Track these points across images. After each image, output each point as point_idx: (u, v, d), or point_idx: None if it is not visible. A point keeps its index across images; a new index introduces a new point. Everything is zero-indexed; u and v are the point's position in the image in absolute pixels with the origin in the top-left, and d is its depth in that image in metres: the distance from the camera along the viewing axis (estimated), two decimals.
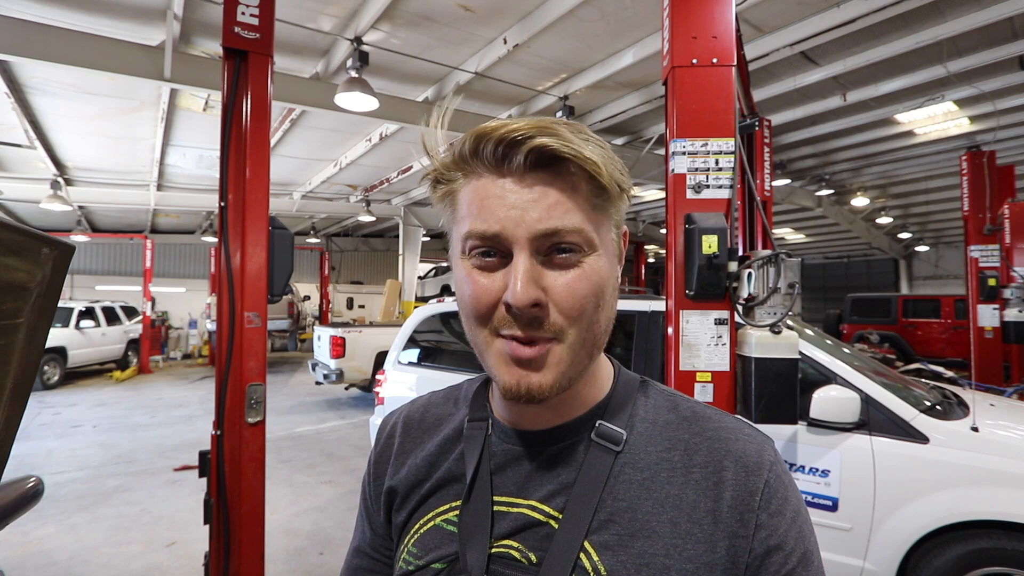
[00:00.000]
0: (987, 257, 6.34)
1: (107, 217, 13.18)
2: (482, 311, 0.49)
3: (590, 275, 0.48)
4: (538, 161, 0.46)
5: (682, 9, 2.14)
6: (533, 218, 0.46)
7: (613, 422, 0.54)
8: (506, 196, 0.47)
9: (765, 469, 0.50)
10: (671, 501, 0.49)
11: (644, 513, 0.49)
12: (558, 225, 0.46)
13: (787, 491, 0.50)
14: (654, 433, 0.53)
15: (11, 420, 0.71)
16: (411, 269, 11.97)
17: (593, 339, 0.50)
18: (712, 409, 0.56)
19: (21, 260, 0.65)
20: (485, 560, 0.51)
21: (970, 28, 4.48)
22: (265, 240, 2.31)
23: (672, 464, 0.51)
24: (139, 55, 4.62)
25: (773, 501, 0.49)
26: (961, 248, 10.88)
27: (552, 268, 0.47)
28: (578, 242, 0.47)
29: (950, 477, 2.17)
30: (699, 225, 2.03)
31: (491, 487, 0.54)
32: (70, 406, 8.19)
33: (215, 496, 2.23)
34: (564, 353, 0.48)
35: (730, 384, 2.09)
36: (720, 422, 0.54)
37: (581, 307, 0.47)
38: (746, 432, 0.53)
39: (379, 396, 4.23)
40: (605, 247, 0.50)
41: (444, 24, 4.73)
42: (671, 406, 0.56)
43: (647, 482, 0.50)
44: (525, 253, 0.46)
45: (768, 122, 4.65)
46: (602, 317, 0.50)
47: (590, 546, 0.48)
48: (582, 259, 0.48)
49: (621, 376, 0.58)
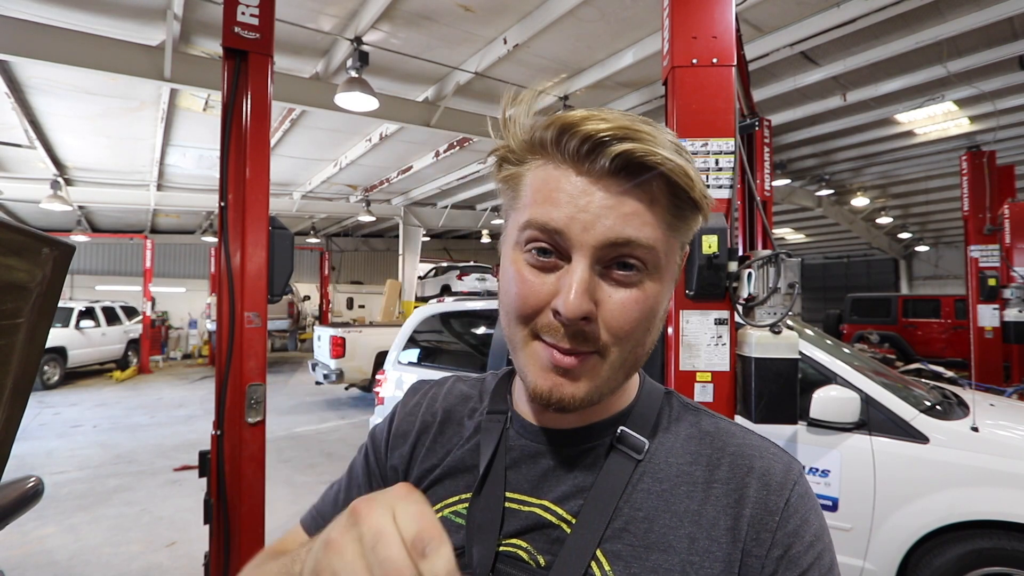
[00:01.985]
0: (987, 257, 6.34)
1: (107, 217, 13.18)
2: (527, 312, 0.46)
3: (647, 298, 0.45)
4: (622, 166, 0.43)
5: (682, 9, 2.14)
6: (606, 225, 0.43)
7: (636, 430, 0.52)
8: (579, 196, 0.43)
9: (788, 488, 0.48)
10: (690, 516, 0.47)
11: (661, 526, 0.47)
12: (632, 236, 0.43)
13: (808, 513, 0.48)
14: (676, 445, 0.52)
15: (11, 420, 0.71)
16: (411, 269, 11.97)
17: (635, 360, 0.48)
18: (737, 426, 0.54)
19: (21, 260, 0.65)
20: (492, 557, 0.49)
21: (970, 28, 4.48)
22: (265, 240, 2.31)
23: (693, 478, 0.49)
24: (139, 55, 4.63)
25: (791, 521, 0.47)
26: (961, 248, 10.88)
27: (608, 282, 0.45)
28: (645, 259, 0.44)
29: (950, 477, 2.17)
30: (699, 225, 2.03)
31: (504, 482, 0.53)
32: (70, 406, 8.19)
33: (215, 496, 2.23)
34: (603, 369, 0.46)
35: (730, 384, 2.09)
36: (744, 439, 0.52)
37: (631, 329, 0.45)
38: (772, 451, 0.51)
39: (379, 396, 4.23)
40: (669, 269, 0.48)
41: (444, 24, 4.73)
42: (695, 419, 0.54)
43: (666, 494, 0.48)
44: (586, 262, 0.43)
45: (768, 122, 4.65)
46: (648, 340, 0.48)
47: (602, 555, 0.46)
48: (643, 280, 0.45)
49: (646, 385, 0.57)
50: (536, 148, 0.46)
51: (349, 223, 15.02)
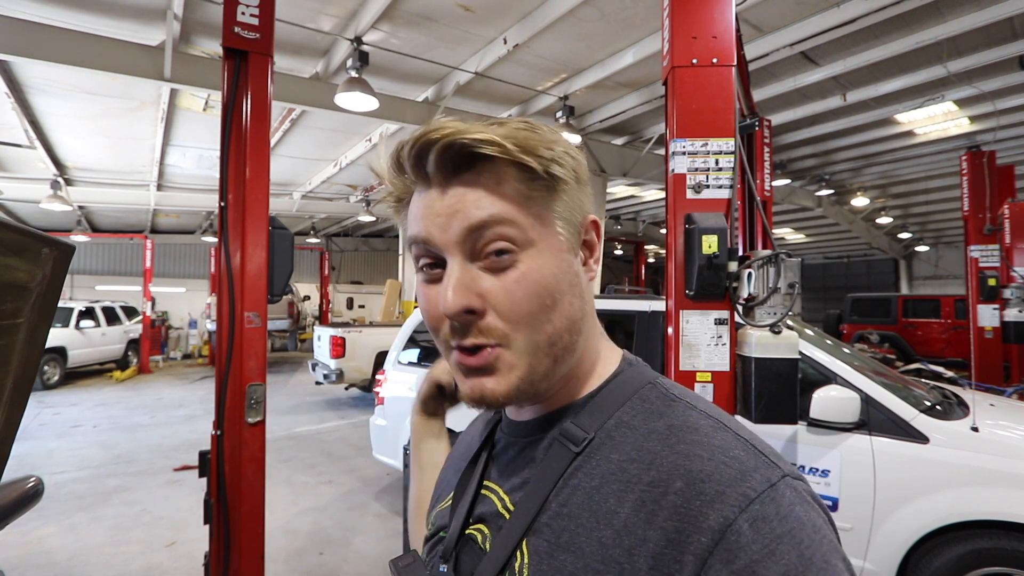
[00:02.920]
0: (987, 257, 6.33)
1: (107, 217, 13.18)
2: (434, 326, 0.48)
3: (529, 274, 0.45)
4: (456, 165, 0.45)
5: (682, 9, 2.14)
6: (459, 217, 0.44)
7: (585, 422, 0.49)
8: (433, 203, 0.46)
9: (732, 504, 0.37)
10: (608, 518, 0.42)
11: (578, 525, 0.43)
12: (484, 216, 0.44)
13: (776, 546, 0.36)
14: (628, 440, 0.46)
15: (11, 420, 0.71)
16: (411, 269, 11.93)
17: (550, 340, 0.46)
18: (714, 421, 0.45)
19: (21, 260, 0.65)
20: (458, 536, 0.53)
21: (970, 28, 4.48)
22: (265, 240, 2.31)
23: (627, 476, 0.43)
24: (139, 55, 4.63)
25: (741, 555, 0.35)
26: (961, 248, 10.88)
27: (488, 273, 0.45)
28: (510, 236, 0.44)
29: (950, 477, 2.17)
30: (699, 225, 2.03)
31: (484, 469, 0.57)
32: (70, 406, 8.19)
33: (215, 496, 2.23)
34: (515, 358, 0.45)
35: (730, 384, 2.09)
36: (707, 436, 0.43)
37: (523, 311, 0.45)
38: (732, 454, 0.41)
39: (379, 396, 4.23)
40: (547, 241, 0.46)
41: (444, 24, 4.73)
42: (666, 412, 0.47)
43: (594, 492, 0.44)
44: (457, 259, 0.45)
45: (768, 122, 4.65)
46: (556, 317, 0.46)
47: (526, 547, 0.46)
48: (517, 258, 0.45)
49: (623, 375, 0.52)
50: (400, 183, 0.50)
51: (349, 223, 15.02)
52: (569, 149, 0.48)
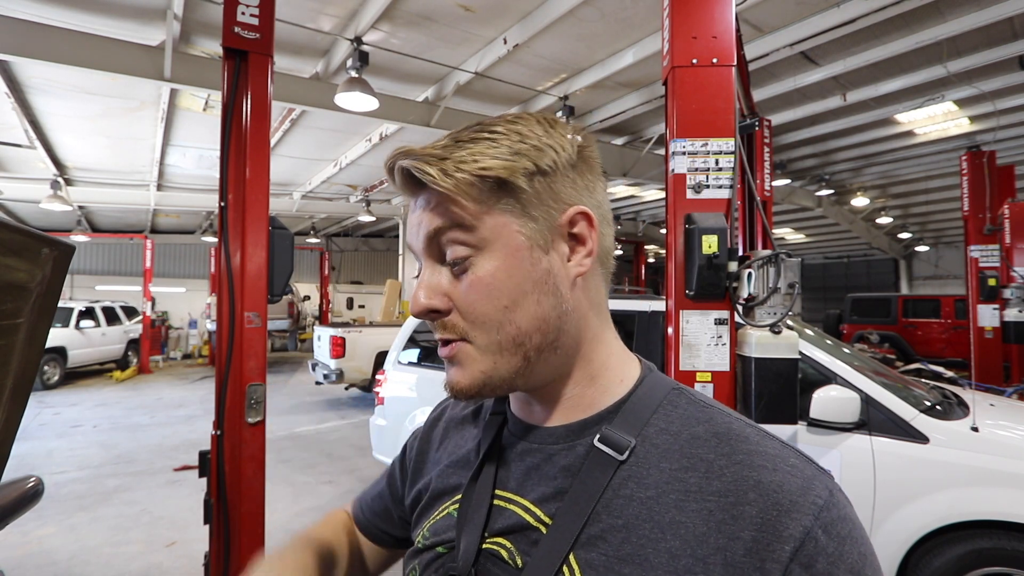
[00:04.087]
0: (987, 257, 6.34)
1: (107, 217, 13.18)
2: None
3: (483, 277, 0.47)
4: (417, 181, 0.48)
5: (682, 9, 2.14)
6: (423, 226, 0.49)
7: (623, 429, 0.48)
8: (411, 216, 0.51)
9: (807, 512, 0.40)
10: (674, 529, 0.42)
11: (640, 537, 0.43)
12: (439, 223, 0.48)
13: (843, 547, 0.39)
14: (673, 448, 0.46)
15: (11, 420, 0.71)
16: (411, 269, 11.97)
17: (512, 339, 0.47)
18: (755, 428, 0.47)
19: (21, 260, 0.65)
20: (475, 552, 0.50)
21: (970, 28, 4.48)
22: (265, 240, 2.31)
23: (686, 486, 0.44)
24: (139, 55, 4.63)
25: (819, 559, 0.39)
26: (961, 248, 10.88)
27: (454, 277, 0.49)
28: (462, 241, 0.48)
29: (950, 477, 2.17)
30: (699, 225, 2.03)
31: (495, 479, 0.53)
32: (70, 406, 8.19)
33: (215, 496, 2.23)
34: (476, 353, 0.49)
35: (730, 384, 2.09)
36: (760, 445, 0.45)
37: (478, 312, 0.48)
38: (791, 462, 0.43)
39: (379, 396, 4.23)
40: (503, 242, 0.47)
41: (444, 24, 4.73)
42: (704, 418, 0.48)
43: (650, 501, 0.44)
44: (428, 263, 0.50)
45: (768, 122, 4.65)
46: (519, 316, 0.47)
47: (575, 561, 0.44)
48: (472, 262, 0.48)
49: (647, 380, 0.52)
50: None
51: (349, 223, 15.02)
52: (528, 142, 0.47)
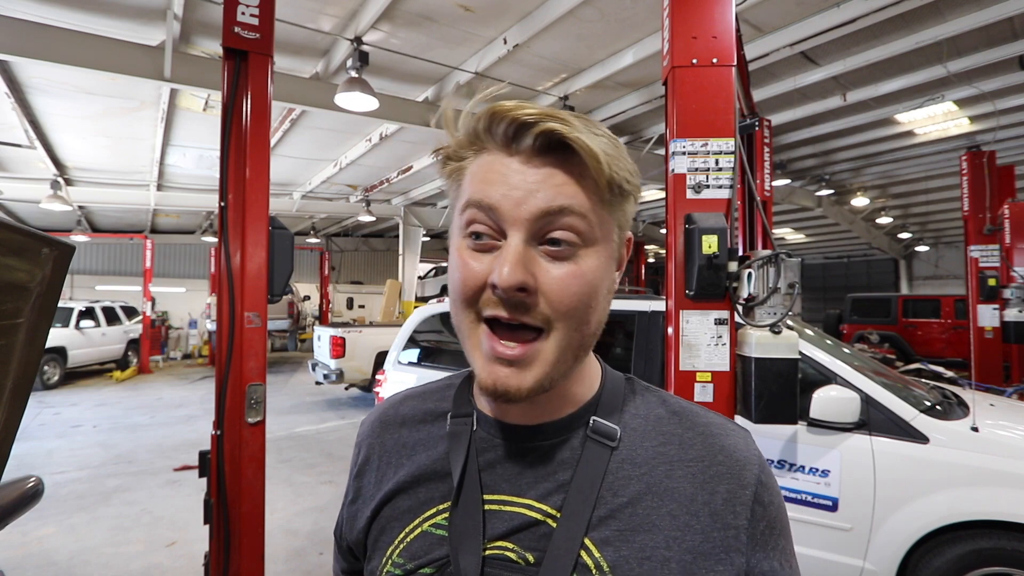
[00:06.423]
0: (987, 257, 6.34)
1: (107, 217, 13.18)
2: (468, 294, 0.47)
3: (585, 272, 0.46)
4: (546, 146, 0.45)
5: (682, 9, 2.14)
6: (538, 197, 0.45)
7: (607, 419, 0.53)
8: (511, 175, 0.46)
9: (754, 463, 0.52)
10: (670, 494, 0.49)
11: (644, 507, 0.49)
12: (564, 203, 0.45)
13: (772, 481, 0.53)
14: (647, 428, 0.53)
15: (11, 420, 0.71)
16: (411, 269, 11.97)
17: (581, 340, 0.48)
18: (696, 405, 0.58)
19: (21, 260, 0.65)
20: (479, 563, 0.49)
21: (970, 28, 4.48)
22: (265, 240, 2.31)
23: (669, 458, 0.51)
24: (139, 55, 4.63)
25: (765, 494, 0.51)
26: (961, 248, 10.87)
27: (545, 258, 0.46)
28: (579, 229, 0.46)
29: (950, 477, 2.17)
30: (699, 225, 2.03)
31: (480, 486, 0.52)
32: (70, 406, 8.19)
33: (215, 496, 2.23)
34: (550, 352, 0.47)
35: (730, 384, 2.09)
36: (706, 417, 0.55)
37: (572, 303, 0.46)
38: (730, 427, 0.55)
39: (379, 396, 4.23)
40: (605, 245, 0.49)
41: (444, 24, 4.73)
42: (660, 401, 0.57)
43: (645, 477, 0.50)
44: (520, 235, 0.45)
45: (768, 122, 4.65)
46: (593, 319, 0.48)
47: (591, 543, 0.47)
48: (577, 253, 0.46)
49: (608, 374, 0.58)
50: (472, 140, 0.49)
51: (349, 223, 15.02)
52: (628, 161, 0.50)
